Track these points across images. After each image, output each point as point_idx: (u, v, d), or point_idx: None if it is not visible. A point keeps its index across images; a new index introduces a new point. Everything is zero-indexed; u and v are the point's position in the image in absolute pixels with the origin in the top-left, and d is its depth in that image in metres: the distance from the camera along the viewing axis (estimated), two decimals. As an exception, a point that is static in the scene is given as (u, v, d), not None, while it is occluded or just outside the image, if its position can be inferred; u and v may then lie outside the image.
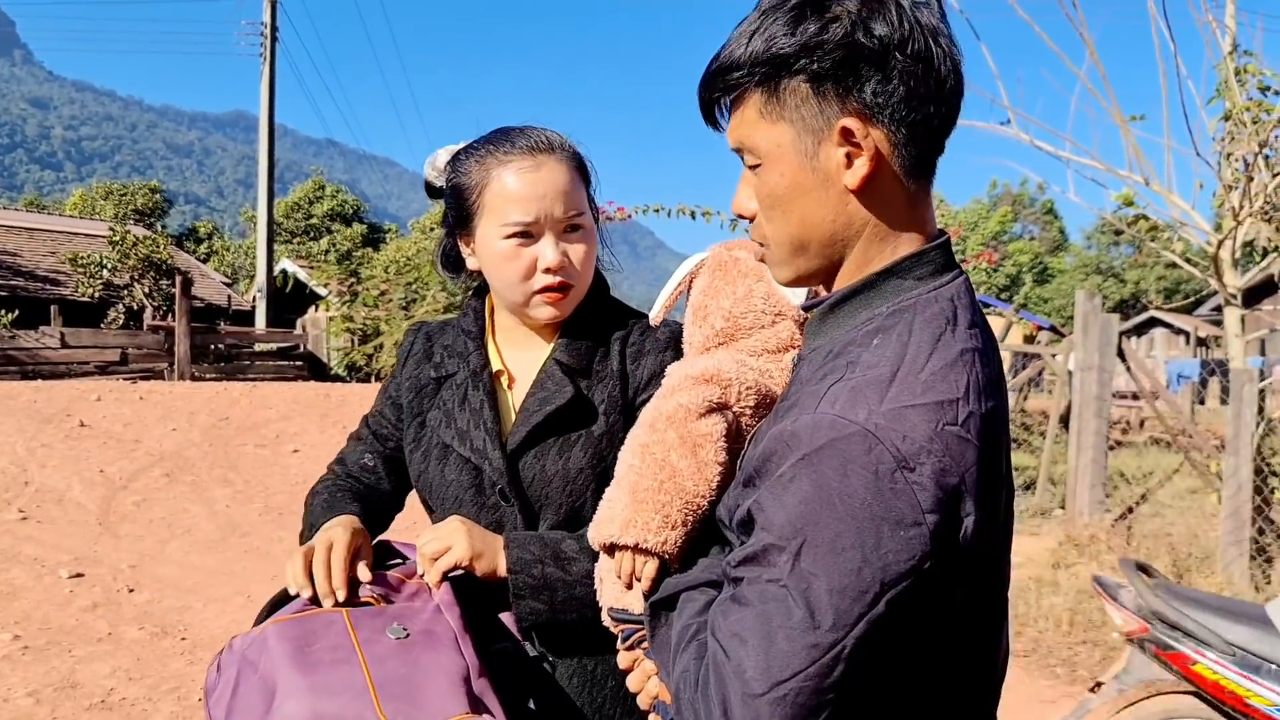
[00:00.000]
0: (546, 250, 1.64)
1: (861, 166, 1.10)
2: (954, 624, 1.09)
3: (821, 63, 1.08)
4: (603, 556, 1.42)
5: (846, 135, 1.09)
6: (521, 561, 1.57)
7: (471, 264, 1.75)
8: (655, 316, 1.57)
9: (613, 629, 1.42)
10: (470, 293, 1.86)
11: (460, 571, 1.58)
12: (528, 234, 1.63)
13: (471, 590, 1.60)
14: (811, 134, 1.11)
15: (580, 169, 1.71)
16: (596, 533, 1.33)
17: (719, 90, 1.16)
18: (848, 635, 0.98)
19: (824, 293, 1.24)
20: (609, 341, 1.75)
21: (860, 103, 1.08)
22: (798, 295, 1.40)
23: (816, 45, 1.08)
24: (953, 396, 1.03)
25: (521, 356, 1.77)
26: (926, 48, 1.08)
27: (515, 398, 1.75)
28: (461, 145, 1.76)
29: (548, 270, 1.64)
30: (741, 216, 1.23)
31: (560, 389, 1.68)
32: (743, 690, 1.00)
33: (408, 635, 1.44)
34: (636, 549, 1.29)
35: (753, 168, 1.17)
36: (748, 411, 1.37)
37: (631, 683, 1.37)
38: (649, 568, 1.30)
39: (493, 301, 1.80)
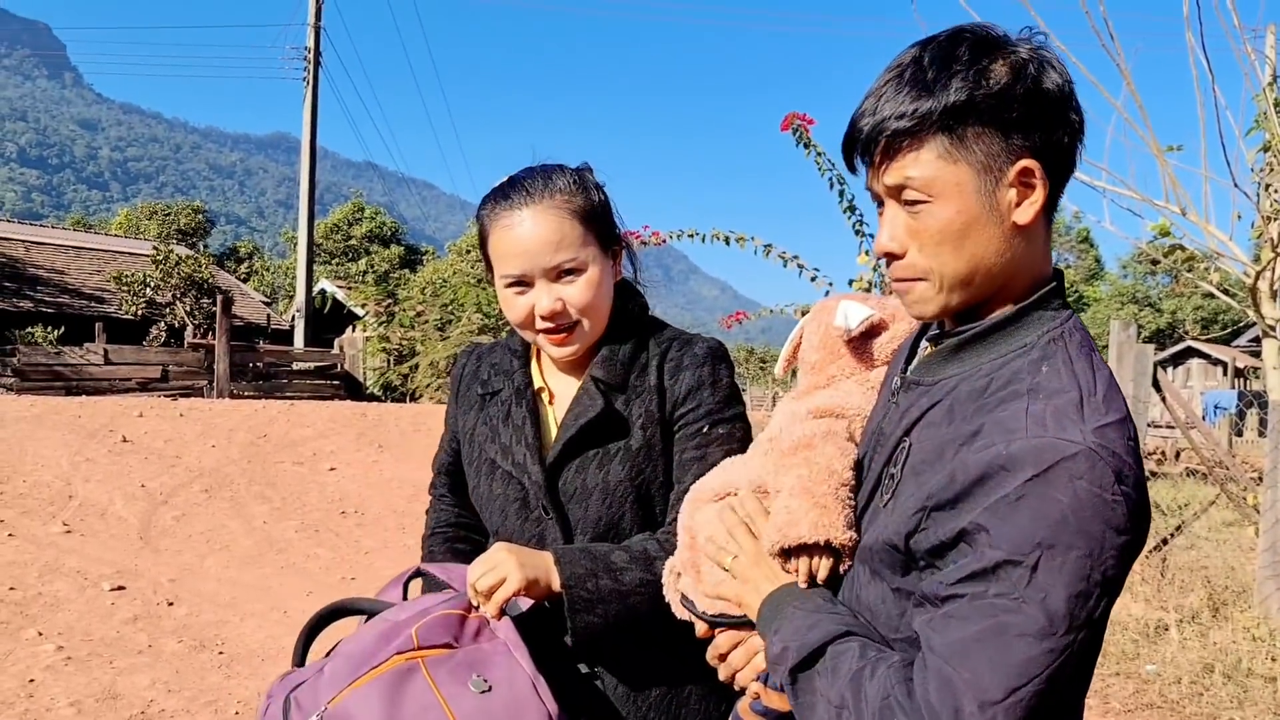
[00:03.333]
0: (540, 299, 1.72)
1: (1032, 205, 1.21)
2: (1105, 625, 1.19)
3: (1009, 110, 1.18)
4: (681, 552, 1.53)
5: (1024, 176, 1.20)
6: (575, 577, 1.61)
7: None
8: (780, 370, 1.68)
9: (695, 620, 1.51)
10: None
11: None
12: (522, 284, 1.73)
13: (529, 619, 1.65)
14: (992, 174, 1.20)
15: (579, 211, 1.74)
16: (783, 536, 1.36)
17: (890, 135, 1.22)
18: (1079, 636, 1.08)
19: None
20: (647, 358, 1.80)
21: (1036, 145, 1.20)
22: (854, 317, 1.51)
23: (1008, 93, 1.18)
24: (1124, 414, 1.15)
25: (562, 377, 1.85)
26: (1073, 96, 1.22)
27: (557, 414, 1.82)
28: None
29: (543, 318, 1.73)
30: (891, 255, 1.29)
31: (593, 403, 1.74)
32: (979, 699, 1.07)
33: (490, 689, 1.46)
34: (825, 546, 1.35)
35: (912, 203, 1.24)
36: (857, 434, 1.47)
37: (735, 660, 1.46)
38: (826, 565, 1.36)
39: None
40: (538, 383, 1.84)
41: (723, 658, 1.48)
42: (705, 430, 1.77)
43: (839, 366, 1.54)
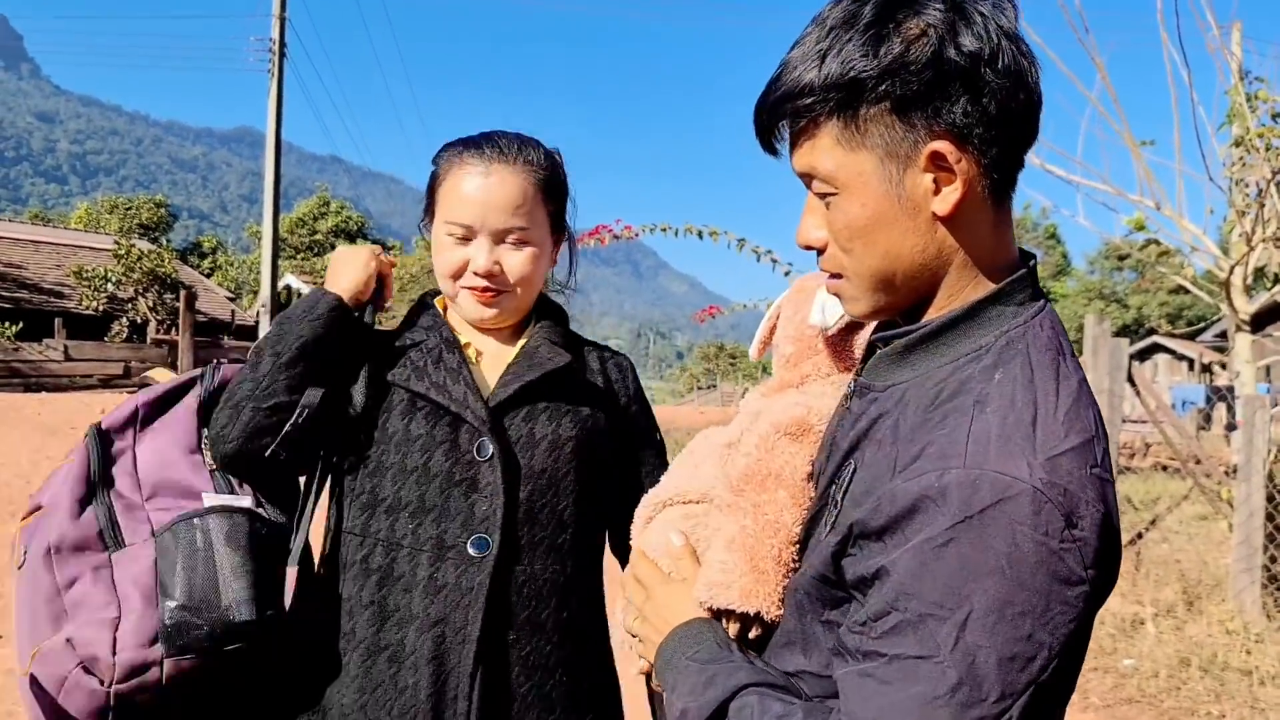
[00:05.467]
0: (478, 254, 1.67)
1: (953, 192, 1.03)
2: (1080, 662, 1.03)
3: (907, 86, 1.00)
4: (629, 581, 1.41)
5: (936, 160, 1.02)
6: None
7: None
8: (754, 354, 1.54)
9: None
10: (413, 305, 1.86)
11: None
12: (465, 236, 1.68)
13: None
14: (897, 160, 1.03)
15: (543, 184, 1.72)
16: (711, 596, 1.26)
17: (787, 117, 1.08)
18: (1014, 704, 0.92)
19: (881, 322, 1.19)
20: (583, 349, 1.82)
21: (950, 124, 1.01)
22: (831, 312, 1.37)
23: (901, 67, 1.00)
24: (1089, 435, 0.98)
25: (484, 339, 1.78)
26: (1014, 60, 1.01)
27: (487, 369, 1.73)
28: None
29: (476, 274, 1.67)
30: (809, 248, 1.15)
31: (556, 355, 1.71)
32: None
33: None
34: (756, 617, 1.24)
35: (823, 195, 1.10)
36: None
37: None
38: (755, 631, 1.25)
39: (444, 303, 1.83)
40: (462, 338, 1.75)
41: None
42: (657, 437, 1.87)
43: (814, 364, 1.41)
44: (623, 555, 1.79)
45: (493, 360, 1.75)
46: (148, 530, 1.61)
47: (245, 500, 1.66)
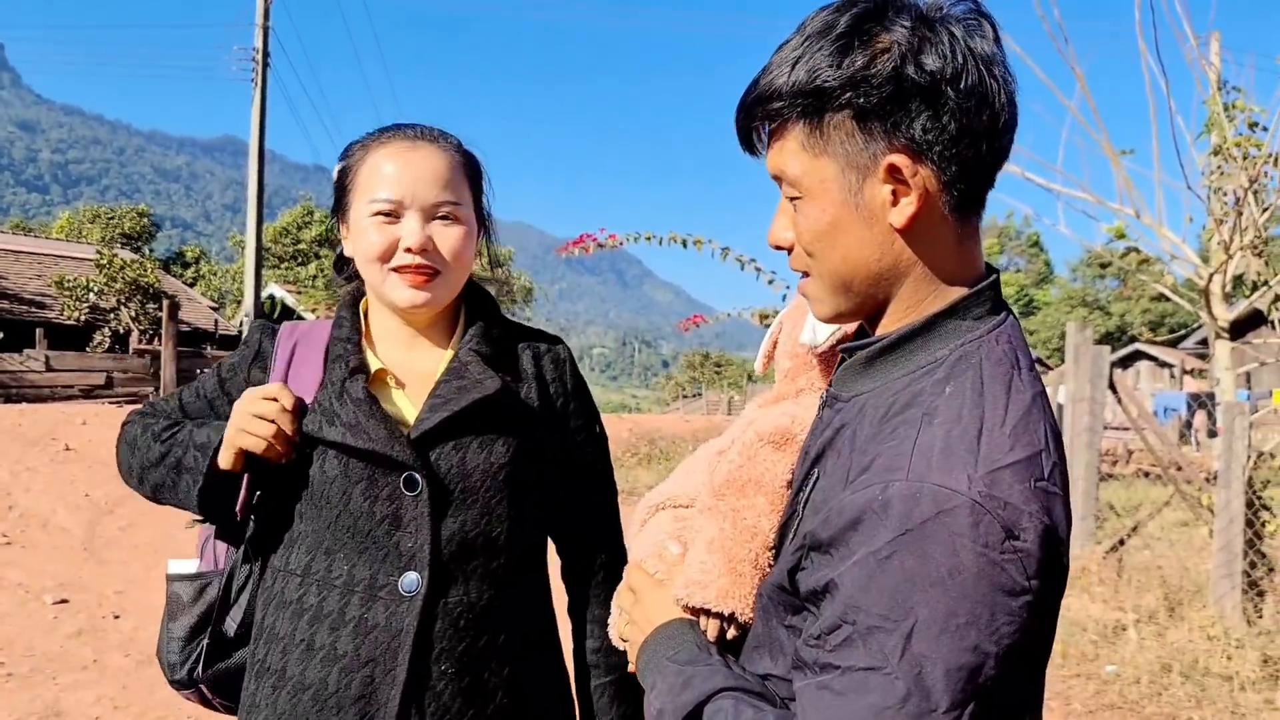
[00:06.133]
0: (409, 230, 1.59)
1: (908, 205, 1.05)
2: (1035, 671, 1.05)
3: (868, 98, 1.02)
4: (622, 588, 1.42)
5: (893, 173, 1.04)
6: None
7: (347, 249, 1.71)
8: (759, 367, 1.57)
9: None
10: (343, 301, 1.79)
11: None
12: (394, 214, 1.59)
13: None
14: (856, 170, 1.06)
15: (468, 167, 1.68)
16: (688, 595, 1.28)
17: (758, 119, 1.12)
18: (964, 713, 0.94)
19: (847, 330, 1.20)
20: (516, 346, 1.73)
21: (909, 139, 1.03)
22: (822, 331, 1.40)
23: (863, 79, 1.02)
24: (1037, 449, 0.99)
25: (409, 358, 1.70)
26: (981, 81, 1.03)
27: (410, 395, 1.66)
28: None
29: (408, 250, 1.58)
30: (778, 248, 1.18)
31: (485, 378, 1.62)
32: None
33: None
34: (731, 618, 1.26)
35: (792, 199, 1.13)
36: None
37: None
38: (732, 632, 1.27)
39: (368, 305, 1.75)
40: (374, 364, 1.66)
41: None
42: (596, 430, 1.80)
43: (809, 379, 1.43)
44: (571, 563, 1.80)
45: (416, 384, 1.67)
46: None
47: (190, 566, 1.78)
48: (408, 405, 1.65)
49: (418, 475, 1.57)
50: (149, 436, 1.70)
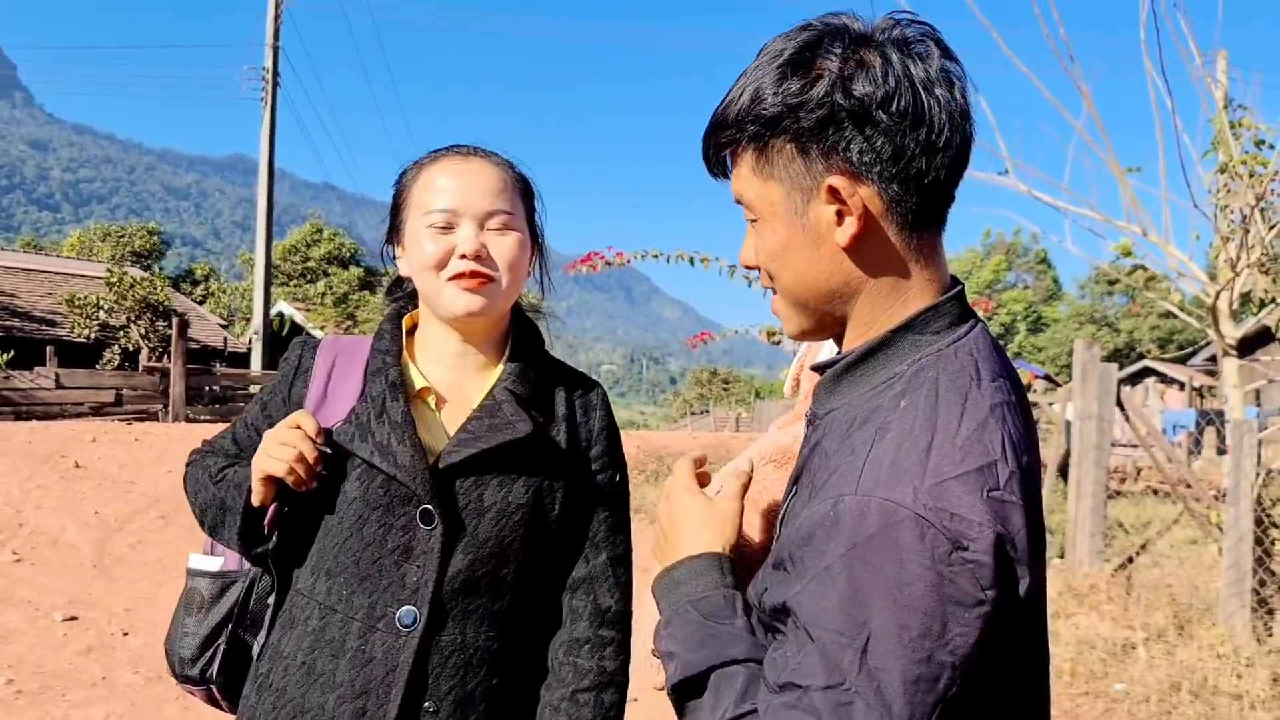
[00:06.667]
0: (464, 237, 1.60)
1: (850, 225, 1.09)
2: (1005, 676, 1.05)
3: (804, 122, 1.07)
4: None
5: (833, 194, 1.08)
6: None
7: (403, 268, 1.72)
8: (788, 390, 1.61)
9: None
10: (387, 315, 1.80)
11: None
12: (448, 224, 1.61)
13: None
14: (800, 192, 1.10)
15: (519, 182, 1.71)
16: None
17: (714, 146, 1.16)
18: None
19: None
20: (553, 386, 1.73)
21: (846, 161, 1.07)
22: (826, 353, 1.43)
23: (799, 105, 1.07)
24: (990, 459, 1.00)
25: (452, 376, 1.71)
26: (915, 103, 1.06)
27: (447, 418, 1.67)
28: None
29: (463, 257, 1.60)
30: (748, 268, 1.22)
31: (517, 420, 1.62)
32: None
33: None
34: None
35: (750, 221, 1.17)
36: None
37: None
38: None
39: (416, 319, 1.76)
40: (419, 382, 1.68)
41: None
42: (616, 479, 1.77)
43: None
44: (576, 606, 1.73)
45: (458, 403, 1.68)
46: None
47: (214, 563, 1.79)
48: (440, 431, 1.65)
49: (434, 510, 1.57)
50: (206, 478, 1.72)
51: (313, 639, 1.60)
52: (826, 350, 1.44)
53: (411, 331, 1.76)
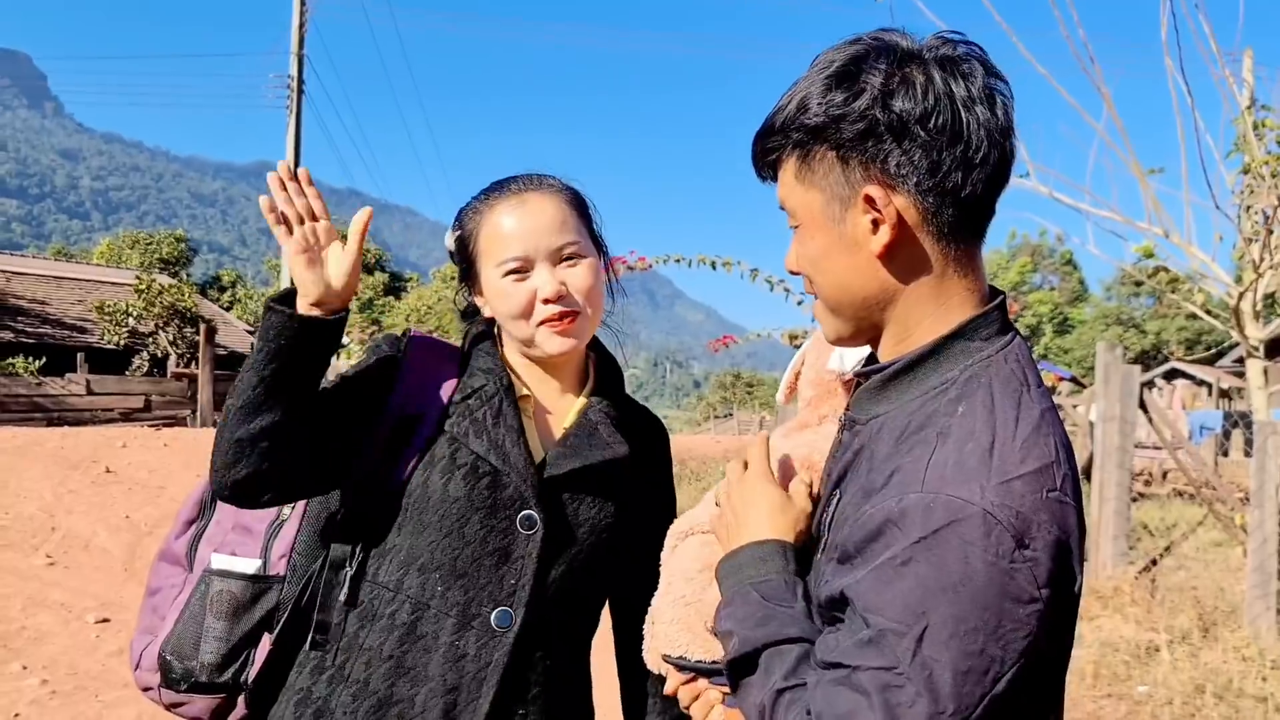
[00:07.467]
0: (542, 280, 1.62)
1: (885, 234, 1.12)
2: (1046, 678, 1.09)
3: (845, 133, 1.11)
4: (657, 598, 1.49)
5: (869, 203, 1.12)
6: None
7: (486, 311, 1.73)
8: (782, 397, 1.62)
9: (668, 673, 1.46)
10: (477, 323, 1.80)
11: None
12: (523, 269, 1.63)
13: None
14: (839, 200, 1.14)
15: (575, 203, 1.71)
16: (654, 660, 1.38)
17: (762, 151, 1.21)
18: (971, 715, 0.98)
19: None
20: (629, 415, 1.79)
21: (883, 172, 1.11)
22: (850, 359, 1.44)
23: (841, 116, 1.11)
24: (1048, 461, 1.04)
25: (540, 386, 1.74)
26: (954, 119, 1.10)
27: (541, 430, 1.70)
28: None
29: (546, 301, 1.62)
30: (793, 273, 1.26)
31: (614, 441, 1.68)
32: None
33: None
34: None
35: (793, 227, 1.22)
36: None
37: (696, 714, 1.41)
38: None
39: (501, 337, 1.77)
40: (520, 390, 1.70)
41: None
42: (672, 508, 1.81)
43: (832, 406, 1.49)
44: (622, 632, 1.79)
45: (550, 418, 1.71)
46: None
47: (247, 565, 1.72)
48: (535, 441, 1.68)
49: (537, 515, 1.60)
50: None
51: (402, 632, 1.59)
52: (843, 356, 1.47)
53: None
